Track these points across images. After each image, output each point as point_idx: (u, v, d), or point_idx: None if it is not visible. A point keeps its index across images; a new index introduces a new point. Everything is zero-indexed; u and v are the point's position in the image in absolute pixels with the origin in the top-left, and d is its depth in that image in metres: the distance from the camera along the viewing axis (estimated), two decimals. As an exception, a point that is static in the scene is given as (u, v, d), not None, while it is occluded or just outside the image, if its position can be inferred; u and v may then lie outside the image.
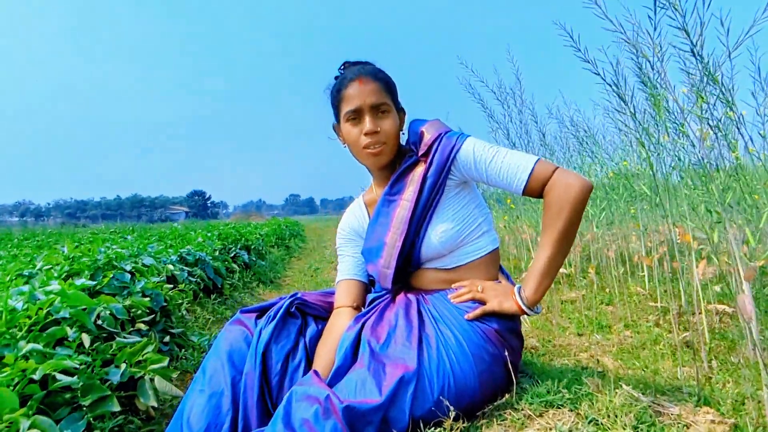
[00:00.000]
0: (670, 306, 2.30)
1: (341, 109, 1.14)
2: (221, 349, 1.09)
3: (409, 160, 1.15)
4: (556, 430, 0.89)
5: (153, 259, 2.38)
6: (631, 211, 3.31)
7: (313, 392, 0.87)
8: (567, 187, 1.01)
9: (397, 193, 1.14)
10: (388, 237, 1.14)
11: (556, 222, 1.02)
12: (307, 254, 7.16)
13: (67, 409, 1.11)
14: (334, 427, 0.82)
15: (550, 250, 1.03)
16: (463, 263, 1.14)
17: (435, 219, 1.12)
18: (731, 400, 1.11)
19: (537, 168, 1.04)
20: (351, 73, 1.14)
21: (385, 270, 1.15)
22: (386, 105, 1.12)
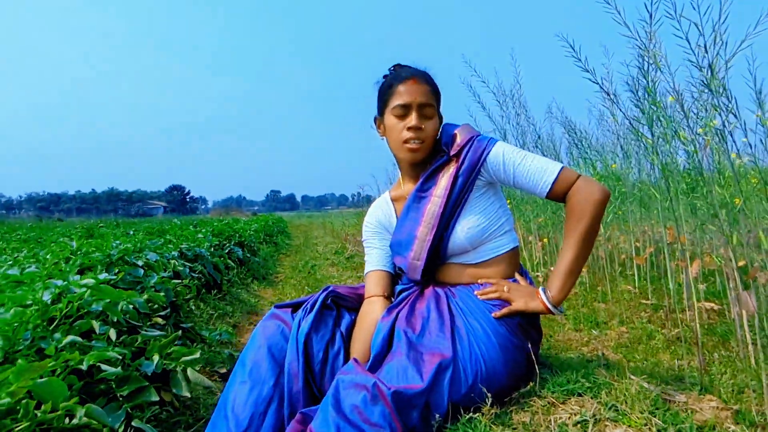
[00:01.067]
0: (660, 303, 2.42)
1: (389, 103, 1.20)
2: (260, 342, 1.14)
3: (441, 159, 1.21)
4: (581, 415, 0.96)
5: (157, 255, 2.39)
6: (619, 212, 3.43)
7: (360, 380, 0.92)
8: (589, 193, 1.09)
9: (429, 189, 1.20)
10: (419, 231, 1.20)
11: (578, 225, 1.10)
12: (296, 251, 7.17)
13: (104, 400, 1.15)
14: (382, 412, 0.88)
15: (573, 252, 1.10)
16: (486, 259, 1.20)
17: (463, 215, 1.18)
18: (731, 389, 1.21)
19: (562, 174, 1.12)
20: (406, 72, 1.21)
21: (415, 262, 1.21)
22: (432, 108, 1.19)
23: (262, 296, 3.67)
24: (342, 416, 0.88)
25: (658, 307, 2.39)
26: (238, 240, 4.45)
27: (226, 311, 2.78)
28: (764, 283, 1.73)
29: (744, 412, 1.06)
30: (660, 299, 2.50)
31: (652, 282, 2.80)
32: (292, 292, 3.42)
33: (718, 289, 2.44)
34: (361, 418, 0.87)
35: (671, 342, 1.88)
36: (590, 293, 2.82)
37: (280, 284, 4.25)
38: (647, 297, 2.56)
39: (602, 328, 2.15)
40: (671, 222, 2.92)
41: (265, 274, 4.55)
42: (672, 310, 2.27)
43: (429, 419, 0.93)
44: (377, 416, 0.87)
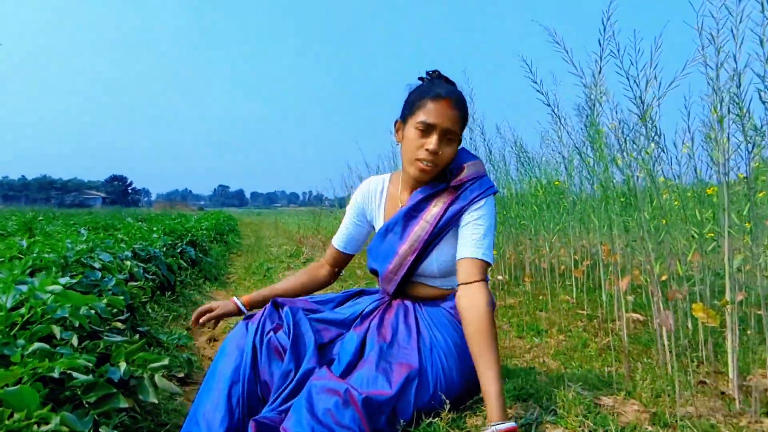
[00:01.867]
0: (594, 313, 2.66)
1: (415, 114, 1.19)
2: (229, 350, 1.18)
3: (440, 186, 1.26)
4: (525, 419, 1.09)
5: (110, 255, 2.34)
6: (560, 226, 3.69)
7: (333, 385, 1.00)
8: (486, 308, 1.09)
9: (421, 211, 1.26)
10: (401, 248, 1.27)
11: (492, 346, 1.07)
12: (247, 251, 7.06)
13: (70, 407, 1.15)
14: (353, 416, 0.96)
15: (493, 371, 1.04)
16: (453, 286, 1.30)
17: (440, 246, 1.26)
18: (650, 394, 1.39)
19: (484, 263, 1.16)
20: (443, 89, 1.19)
21: (391, 275, 1.29)
22: (456, 135, 1.21)
23: (215, 298, 3.63)
24: (315, 419, 0.95)
25: (592, 317, 2.62)
26: (191, 239, 4.36)
27: (180, 313, 2.75)
28: (682, 298, 1.96)
29: (660, 414, 1.23)
30: (594, 309, 2.74)
31: (588, 293, 3.04)
32: (246, 294, 3.42)
33: (643, 301, 2.71)
34: (333, 421, 0.95)
35: (603, 350, 2.08)
36: (532, 302, 3.03)
37: (233, 285, 4.21)
38: (583, 307, 2.79)
39: (543, 337, 2.33)
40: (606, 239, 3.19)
41: (217, 274, 4.48)
42: (604, 320, 2.50)
43: (395, 423, 1.03)
44: (348, 419, 0.96)
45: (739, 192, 1.93)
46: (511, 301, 3.10)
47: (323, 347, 1.20)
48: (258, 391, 1.11)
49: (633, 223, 2.25)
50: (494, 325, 1.10)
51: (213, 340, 2.57)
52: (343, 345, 1.19)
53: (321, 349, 1.18)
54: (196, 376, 2.04)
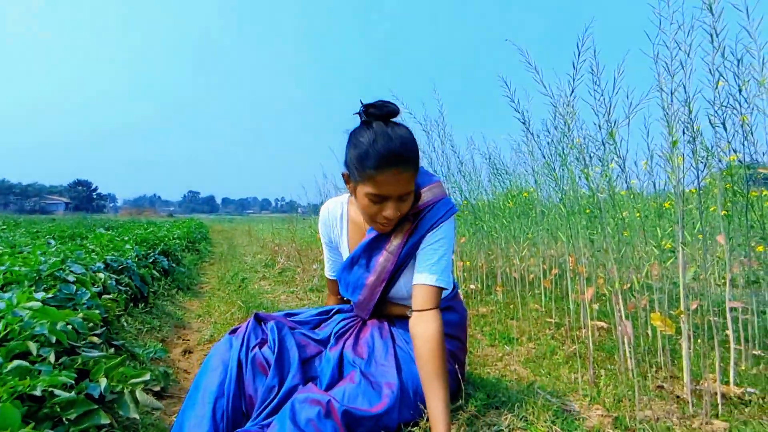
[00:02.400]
0: (562, 321, 2.77)
1: (366, 185, 1.13)
2: (214, 365, 1.20)
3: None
4: (498, 425, 1.16)
5: (82, 267, 2.31)
6: (530, 235, 3.83)
7: (316, 396, 1.04)
8: (439, 336, 1.13)
9: (383, 242, 1.29)
10: (369, 280, 1.31)
11: (443, 372, 1.10)
12: (219, 259, 6.97)
13: (50, 424, 1.15)
14: (333, 426, 1.01)
15: (442, 398, 1.07)
16: None
17: (406, 272, 1.30)
18: (612, 399, 1.48)
19: (438, 290, 1.19)
20: (385, 151, 1.09)
21: (365, 305, 1.35)
22: (412, 191, 1.16)
23: (189, 308, 3.58)
24: (298, 428, 0.99)
25: (560, 325, 2.73)
26: (163, 248, 4.29)
27: (154, 325, 2.71)
28: (642, 307, 2.09)
29: (621, 418, 1.31)
30: (562, 318, 2.85)
31: (556, 302, 3.16)
32: (221, 305, 3.39)
33: (607, 309, 2.84)
34: (315, 430, 0.99)
35: (570, 357, 2.18)
36: (504, 311, 3.13)
37: (206, 295, 4.16)
38: (551, 316, 2.90)
39: (514, 345, 2.42)
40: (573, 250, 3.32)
41: (190, 284, 4.42)
42: (571, 328, 2.61)
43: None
44: (329, 429, 1.00)
45: (693, 208, 2.07)
46: (484, 310, 3.19)
47: (307, 362, 1.24)
48: (242, 406, 1.14)
49: (597, 235, 2.37)
50: (444, 354, 1.12)
51: (188, 352, 2.55)
52: (321, 365, 1.23)
53: (304, 364, 1.22)
54: (172, 389, 2.03)
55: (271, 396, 1.12)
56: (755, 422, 1.33)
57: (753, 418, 1.36)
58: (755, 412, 1.42)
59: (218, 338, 2.64)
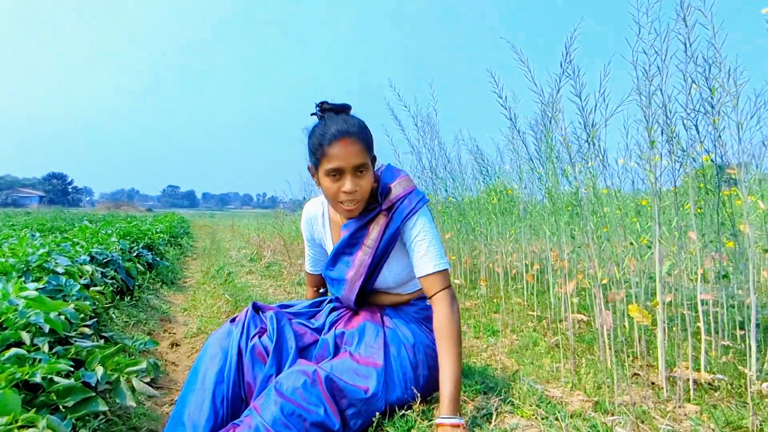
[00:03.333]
0: (544, 314, 2.86)
1: (322, 163, 1.21)
2: (212, 351, 1.23)
3: (374, 211, 1.31)
4: (486, 409, 1.22)
5: (68, 260, 2.29)
6: (512, 231, 3.92)
7: (303, 368, 1.10)
8: (448, 317, 1.20)
9: (360, 238, 1.33)
10: (349, 275, 1.36)
11: (450, 347, 1.18)
12: (202, 254, 6.92)
13: (47, 411, 1.17)
14: (319, 395, 1.06)
15: (454, 371, 1.15)
16: (410, 291, 1.43)
17: (390, 262, 1.35)
18: (592, 386, 1.56)
19: (439, 274, 1.24)
20: (335, 128, 1.19)
21: (348, 296, 1.39)
22: (366, 165, 1.23)
23: (174, 302, 3.57)
24: (283, 396, 1.04)
25: (541, 318, 2.82)
26: (147, 243, 4.25)
27: (140, 319, 2.71)
28: (620, 300, 2.18)
29: (601, 403, 1.39)
30: (543, 311, 2.94)
31: (538, 296, 3.25)
32: (207, 299, 3.39)
33: (587, 303, 2.94)
34: (301, 398, 1.04)
35: (551, 348, 2.26)
36: (488, 305, 3.21)
37: (191, 289, 4.15)
38: (534, 309, 2.99)
39: (498, 337, 2.49)
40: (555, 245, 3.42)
41: (174, 278, 4.40)
42: (553, 320, 2.70)
43: (369, 417, 1.12)
44: (315, 397, 1.05)
45: (669, 206, 2.16)
46: (468, 304, 3.26)
47: (304, 349, 1.28)
48: (241, 393, 1.17)
49: (578, 231, 2.46)
50: (458, 330, 1.19)
51: (175, 345, 2.56)
52: (318, 349, 1.28)
53: (302, 352, 1.26)
54: (162, 381, 2.05)
55: (268, 385, 1.16)
56: (724, 405, 1.41)
57: (722, 402, 1.45)
58: (724, 396, 1.51)
59: (206, 331, 2.65)
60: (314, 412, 1.03)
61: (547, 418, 1.20)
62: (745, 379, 1.68)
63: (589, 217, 2.14)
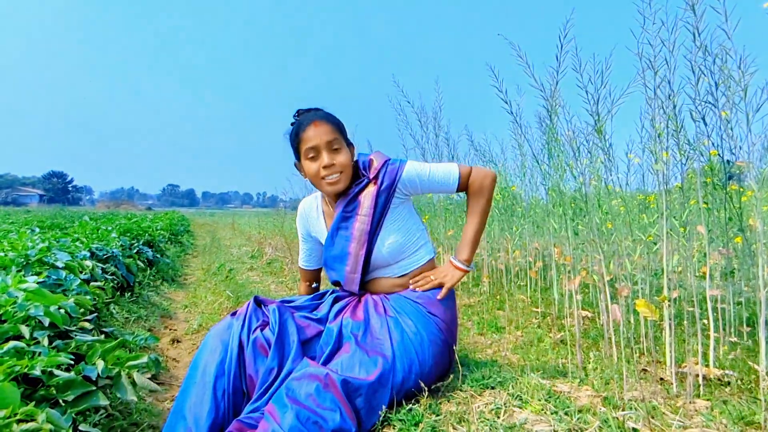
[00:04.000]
0: (547, 311, 2.83)
1: (301, 149, 1.35)
2: (213, 345, 1.20)
3: (362, 183, 1.40)
4: (494, 404, 1.19)
5: (68, 255, 2.27)
6: (514, 228, 3.89)
7: (314, 371, 1.07)
8: (483, 177, 1.41)
9: (353, 210, 1.38)
10: (351, 247, 1.39)
11: (479, 202, 1.41)
12: (203, 251, 6.90)
13: (47, 405, 1.14)
14: (333, 398, 1.03)
15: (477, 224, 1.42)
16: (407, 271, 1.43)
17: (383, 231, 1.39)
18: (600, 381, 1.53)
19: (462, 170, 1.41)
20: (306, 118, 1.35)
21: (352, 275, 1.40)
22: (338, 141, 1.35)
23: (174, 299, 3.55)
24: (298, 403, 1.01)
25: (545, 314, 2.79)
26: (147, 239, 4.23)
27: (141, 315, 2.69)
28: (626, 295, 2.15)
29: (610, 398, 1.36)
30: (547, 307, 2.92)
31: (541, 292, 3.23)
32: (209, 295, 3.37)
33: (591, 299, 2.92)
34: (315, 404, 1.02)
35: (556, 344, 2.24)
36: (491, 301, 3.18)
37: (192, 286, 4.12)
38: (537, 306, 2.96)
39: (502, 333, 2.47)
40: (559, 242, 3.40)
41: (174, 275, 4.37)
42: (557, 317, 2.68)
43: (376, 410, 1.10)
44: (329, 401, 1.02)
45: (675, 200, 2.14)
46: (471, 301, 3.24)
47: (307, 342, 1.25)
48: (243, 386, 1.15)
49: (583, 226, 2.43)
50: (489, 193, 1.40)
51: (176, 341, 2.54)
52: (323, 339, 1.25)
53: (304, 345, 1.24)
54: (163, 377, 2.02)
55: (271, 378, 1.14)
56: (734, 401, 1.39)
57: (732, 397, 1.43)
58: (734, 392, 1.48)
59: (207, 327, 2.63)
60: (330, 418, 1.01)
61: (556, 413, 1.17)
62: (756, 375, 1.66)
63: (594, 212, 2.12)
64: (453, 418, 1.12)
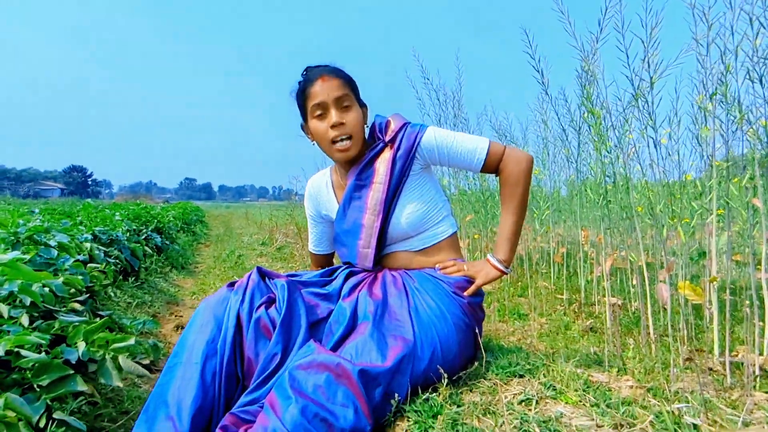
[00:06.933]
0: (573, 298, 2.65)
1: (307, 107, 1.20)
2: (202, 320, 1.06)
3: (377, 148, 1.24)
4: (525, 394, 1.03)
5: (67, 236, 2.16)
6: (536, 214, 3.69)
7: (323, 359, 0.91)
8: (518, 161, 1.20)
9: (368, 178, 1.23)
10: (365, 218, 1.23)
11: (515, 192, 1.21)
12: (215, 241, 6.84)
13: (19, 390, 1.02)
14: (346, 392, 0.87)
15: (514, 217, 1.22)
16: (429, 245, 1.26)
17: (402, 200, 1.23)
18: (642, 371, 1.36)
19: (492, 148, 1.21)
20: (314, 73, 1.20)
21: (365, 250, 1.24)
22: (348, 97, 1.19)
23: (182, 286, 3.46)
24: (304, 395, 0.86)
25: (571, 302, 2.61)
26: (156, 226, 4.15)
27: (145, 300, 2.58)
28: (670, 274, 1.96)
29: (656, 389, 1.19)
30: (572, 294, 2.73)
31: (567, 279, 3.04)
32: (217, 282, 3.26)
33: (621, 286, 2.72)
34: (324, 398, 0.86)
35: (585, 332, 2.06)
36: (512, 288, 3.01)
37: (201, 274, 4.03)
38: (562, 293, 2.78)
39: (525, 320, 2.30)
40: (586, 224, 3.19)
41: (184, 263, 4.29)
42: (584, 303, 2.49)
43: (389, 399, 0.94)
44: (342, 395, 0.87)
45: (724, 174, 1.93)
46: (491, 288, 3.07)
47: (316, 324, 1.10)
48: (238, 370, 1.00)
49: (617, 204, 2.24)
50: (526, 180, 1.20)
51: (180, 328, 2.42)
52: (335, 317, 1.10)
53: (312, 327, 1.09)
54: (162, 363, 1.91)
55: (273, 365, 0.98)
56: (801, 394, 1.21)
57: (797, 390, 1.24)
58: (797, 385, 1.30)
59: (213, 313, 2.52)
60: (342, 414, 0.86)
61: (597, 405, 1.01)
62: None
63: (632, 190, 1.92)
64: (478, 410, 0.97)
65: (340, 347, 1.00)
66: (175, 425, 0.89)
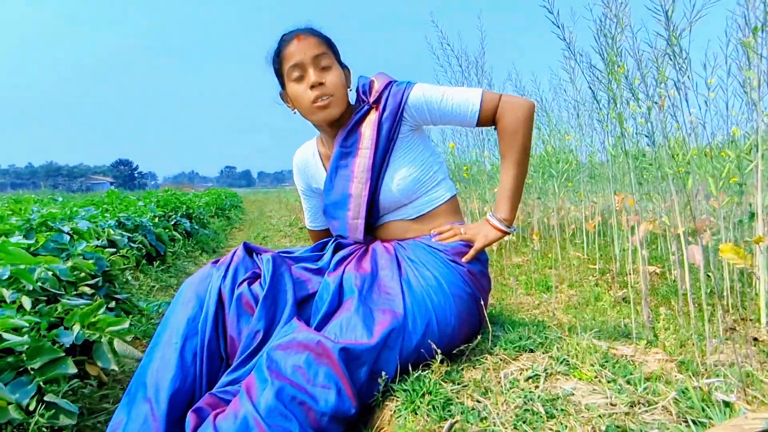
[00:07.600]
0: (607, 267, 2.49)
1: (284, 70, 1.12)
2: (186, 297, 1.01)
3: (361, 110, 1.15)
4: (532, 370, 0.94)
5: (89, 223, 2.20)
6: (570, 183, 3.48)
7: (302, 338, 0.85)
8: (516, 108, 1.09)
9: (353, 144, 1.14)
10: (352, 188, 1.15)
11: (514, 143, 1.10)
12: (249, 225, 6.96)
13: (12, 373, 1.02)
14: (328, 372, 0.81)
15: (514, 170, 1.11)
16: (424, 212, 1.17)
17: (392, 165, 1.14)
18: (674, 343, 1.23)
19: (485, 98, 1.10)
20: (289, 35, 1.12)
21: (355, 222, 1.17)
22: (328, 57, 1.10)
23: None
24: (281, 377, 0.80)
25: (605, 272, 2.45)
26: (186, 212, 4.22)
27: (170, 284, 2.63)
28: (705, 244, 1.78)
29: (688, 363, 1.07)
30: (606, 264, 2.57)
31: (600, 249, 2.87)
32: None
33: (660, 253, 2.53)
34: (304, 379, 0.80)
35: (617, 302, 1.92)
36: (542, 260, 2.87)
37: (231, 257, 4.09)
38: (595, 263, 2.62)
39: (552, 293, 2.18)
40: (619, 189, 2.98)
41: (216, 247, 4.37)
42: (618, 273, 2.33)
43: (376, 378, 0.88)
44: (323, 376, 0.81)
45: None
46: (518, 260, 2.94)
47: (304, 301, 1.04)
48: (220, 350, 0.96)
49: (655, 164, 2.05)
50: (526, 129, 1.09)
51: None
52: (319, 293, 1.03)
53: (301, 304, 1.03)
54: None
55: (255, 343, 0.93)
56: None
57: None
58: None
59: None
60: (322, 397, 0.80)
61: (614, 381, 0.90)
62: None
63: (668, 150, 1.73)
64: (476, 388, 0.88)
65: (326, 325, 0.93)
66: (152, 407, 0.86)
